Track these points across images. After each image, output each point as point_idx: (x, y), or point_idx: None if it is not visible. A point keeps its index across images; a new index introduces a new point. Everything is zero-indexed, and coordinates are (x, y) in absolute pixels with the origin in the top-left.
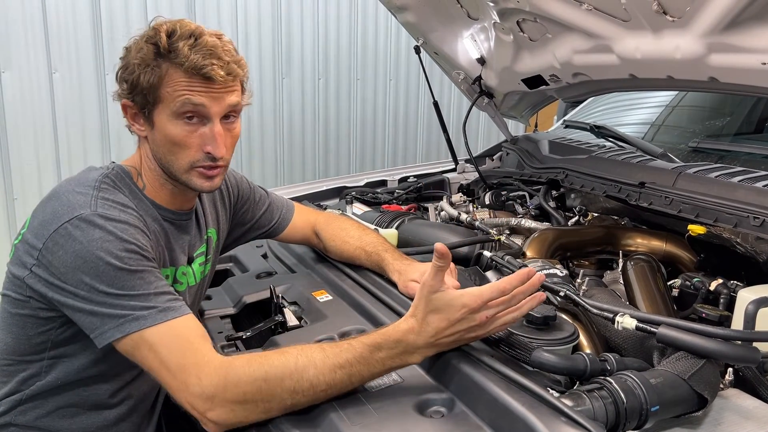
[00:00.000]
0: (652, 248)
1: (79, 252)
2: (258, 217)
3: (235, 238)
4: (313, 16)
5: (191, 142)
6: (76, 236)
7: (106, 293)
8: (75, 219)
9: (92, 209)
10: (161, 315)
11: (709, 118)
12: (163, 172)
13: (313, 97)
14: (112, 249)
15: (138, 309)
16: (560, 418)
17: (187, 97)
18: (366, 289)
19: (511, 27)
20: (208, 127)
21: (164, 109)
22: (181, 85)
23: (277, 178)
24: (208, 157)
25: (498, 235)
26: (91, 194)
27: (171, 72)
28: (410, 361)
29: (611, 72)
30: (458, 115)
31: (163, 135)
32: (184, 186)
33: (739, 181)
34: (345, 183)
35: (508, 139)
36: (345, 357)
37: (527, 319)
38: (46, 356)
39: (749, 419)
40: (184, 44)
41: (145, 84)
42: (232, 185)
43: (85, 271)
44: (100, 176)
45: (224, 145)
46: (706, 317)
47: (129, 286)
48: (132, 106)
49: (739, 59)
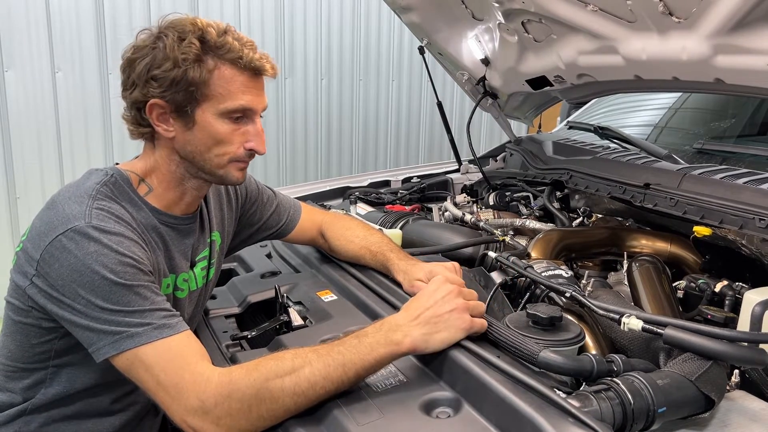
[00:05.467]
0: (657, 249)
1: (74, 265)
2: (266, 218)
3: (243, 239)
4: (316, 17)
5: (234, 139)
6: (70, 249)
7: (102, 308)
8: (69, 231)
9: (87, 221)
10: (156, 332)
11: (713, 120)
12: (187, 172)
13: (315, 97)
14: (108, 263)
15: (133, 326)
16: (567, 418)
17: (242, 96)
18: (371, 288)
19: (516, 28)
20: (251, 125)
21: (210, 107)
22: (235, 84)
23: (280, 178)
24: (249, 153)
25: (502, 236)
26: (86, 204)
27: (222, 68)
28: (400, 343)
29: (616, 73)
30: (461, 116)
31: (207, 133)
32: (219, 180)
33: (744, 182)
34: (348, 183)
35: (511, 139)
36: (336, 349)
37: (533, 320)
38: (50, 364)
39: (756, 421)
40: (232, 39)
41: (193, 80)
42: (239, 188)
43: (81, 285)
44: (97, 184)
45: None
46: (712, 319)
47: (124, 301)
48: (164, 105)
49: (745, 60)
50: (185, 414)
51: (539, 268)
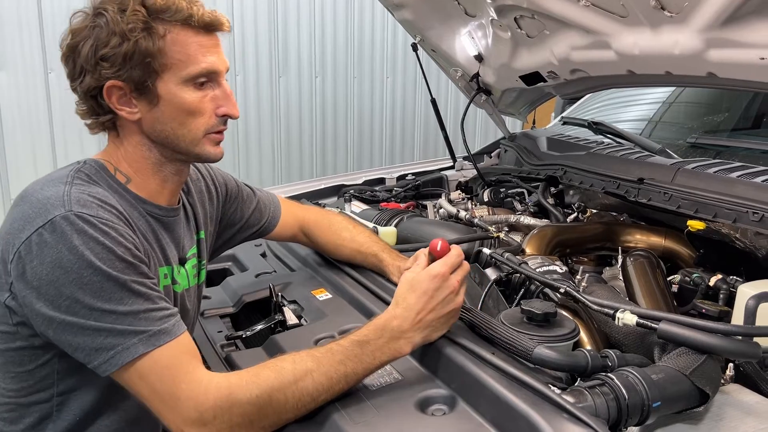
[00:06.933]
0: (652, 244)
1: (57, 261)
2: (248, 216)
3: (226, 240)
4: (309, 15)
5: (205, 107)
6: (51, 243)
7: (92, 308)
8: (48, 224)
9: (67, 207)
10: (154, 339)
11: (707, 114)
12: (162, 156)
13: (310, 95)
14: (96, 253)
15: (128, 334)
16: (562, 414)
17: (203, 58)
18: (366, 287)
19: (509, 24)
20: (218, 89)
21: (172, 76)
22: (192, 46)
23: (275, 176)
24: (221, 120)
25: (497, 232)
26: (63, 190)
27: (175, 31)
28: (401, 350)
29: (609, 68)
30: (456, 113)
31: (174, 106)
32: (196, 158)
33: (737, 176)
34: (343, 181)
35: (506, 136)
36: (338, 358)
37: (528, 315)
38: (54, 392)
39: (750, 414)
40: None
41: (147, 51)
42: (219, 183)
43: (66, 284)
44: (71, 171)
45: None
46: (706, 313)
47: (117, 298)
48: (122, 85)
49: (737, 54)
50: (183, 425)
51: (534, 264)
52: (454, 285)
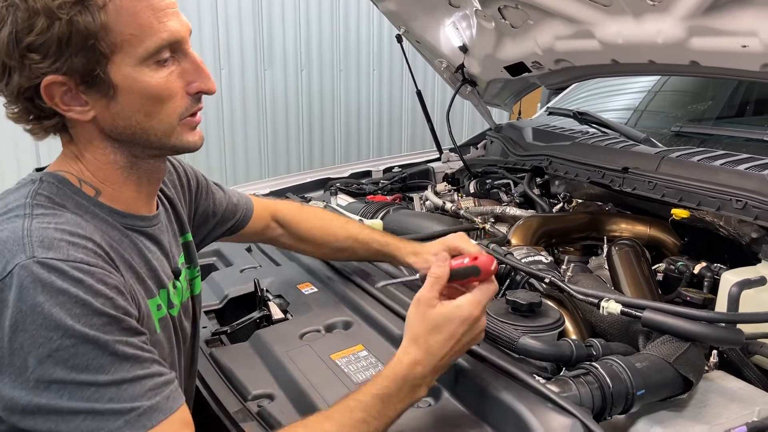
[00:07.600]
0: (637, 233)
1: (18, 324)
2: (222, 210)
3: (202, 237)
4: (294, 7)
5: (174, 87)
6: (10, 301)
7: (63, 382)
8: (7, 277)
9: (28, 253)
10: (144, 420)
11: (691, 103)
12: (132, 155)
13: (296, 88)
14: (69, 311)
15: (111, 415)
16: (547, 404)
17: (160, 26)
18: (351, 280)
19: (493, 14)
20: (185, 61)
21: (126, 57)
22: (144, 13)
23: (261, 170)
24: (195, 99)
25: (483, 224)
26: (21, 226)
27: (117, 1)
28: (420, 396)
29: (593, 57)
30: (442, 105)
31: (136, 94)
32: (173, 151)
33: (721, 164)
34: (329, 174)
35: (492, 127)
36: (358, 417)
37: (512, 306)
38: None
39: (734, 401)
40: None
41: (87, 30)
42: (190, 174)
43: (30, 351)
44: (26, 198)
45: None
46: (691, 300)
47: (96, 365)
48: (64, 80)
49: (720, 42)
50: None
51: (519, 254)
52: (483, 324)
